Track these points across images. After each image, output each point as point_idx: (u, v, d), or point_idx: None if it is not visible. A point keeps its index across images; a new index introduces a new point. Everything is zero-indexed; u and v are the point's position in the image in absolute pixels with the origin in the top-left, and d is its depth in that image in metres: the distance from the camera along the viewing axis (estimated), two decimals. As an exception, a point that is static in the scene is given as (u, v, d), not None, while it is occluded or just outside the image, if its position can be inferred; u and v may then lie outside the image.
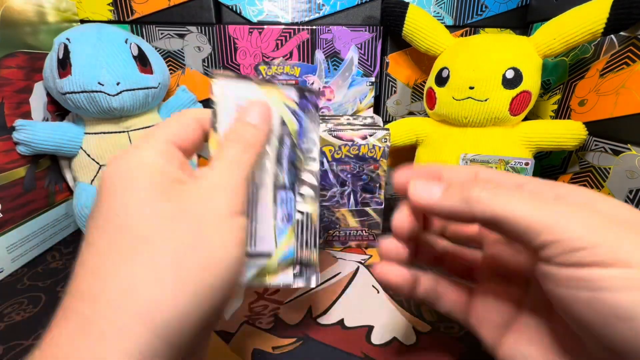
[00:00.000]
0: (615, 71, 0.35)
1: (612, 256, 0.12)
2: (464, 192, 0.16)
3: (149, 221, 0.14)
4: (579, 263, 0.13)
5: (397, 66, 0.49)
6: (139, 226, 0.14)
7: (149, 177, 0.15)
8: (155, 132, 0.17)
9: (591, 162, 0.38)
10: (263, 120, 0.19)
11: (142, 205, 0.14)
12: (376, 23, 0.47)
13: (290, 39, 0.47)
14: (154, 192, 0.15)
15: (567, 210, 0.13)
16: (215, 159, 0.18)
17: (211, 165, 0.17)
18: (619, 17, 0.32)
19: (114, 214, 0.14)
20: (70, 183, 0.42)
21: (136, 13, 0.45)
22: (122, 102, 0.38)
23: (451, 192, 0.16)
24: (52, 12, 0.40)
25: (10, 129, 0.35)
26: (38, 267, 0.37)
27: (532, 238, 0.13)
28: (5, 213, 0.34)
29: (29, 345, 0.27)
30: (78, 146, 0.40)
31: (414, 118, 0.47)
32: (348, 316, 0.29)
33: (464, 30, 0.48)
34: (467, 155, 0.39)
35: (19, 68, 0.36)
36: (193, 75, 0.48)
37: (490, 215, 0.14)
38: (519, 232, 0.14)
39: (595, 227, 0.13)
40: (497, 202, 0.14)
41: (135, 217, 0.14)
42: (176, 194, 0.15)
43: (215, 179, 0.17)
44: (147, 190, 0.14)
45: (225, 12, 0.47)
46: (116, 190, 0.15)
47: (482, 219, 0.15)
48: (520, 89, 0.37)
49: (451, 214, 0.16)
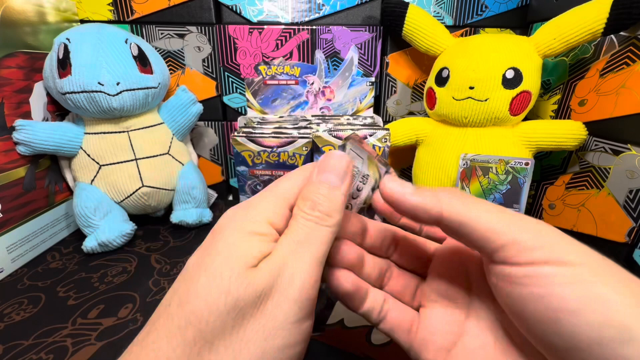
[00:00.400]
0: (616, 71, 0.35)
1: (559, 256, 0.14)
2: (435, 193, 0.17)
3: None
4: (534, 261, 0.14)
5: (397, 66, 0.49)
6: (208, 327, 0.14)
7: (227, 278, 0.15)
8: (270, 195, 0.17)
9: (591, 162, 0.38)
10: (345, 183, 0.18)
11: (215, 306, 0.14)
12: (376, 23, 0.47)
13: (290, 39, 0.47)
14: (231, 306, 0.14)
15: (522, 219, 0.15)
16: (284, 234, 0.17)
17: (280, 243, 0.16)
18: (619, 17, 0.32)
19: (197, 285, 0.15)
20: (70, 183, 0.42)
21: (136, 13, 0.45)
22: (122, 102, 0.38)
23: (423, 190, 0.17)
24: (52, 12, 0.40)
25: (10, 129, 0.35)
26: (38, 267, 0.37)
27: (492, 240, 0.15)
28: (5, 213, 0.34)
29: (29, 345, 0.27)
30: (78, 146, 0.40)
31: (413, 118, 0.47)
32: (348, 316, 0.29)
33: (464, 30, 0.48)
34: (467, 155, 0.39)
35: (19, 68, 0.36)
36: (193, 75, 0.48)
37: (456, 216, 0.16)
38: (479, 234, 0.15)
39: (545, 233, 0.14)
40: (463, 206, 0.16)
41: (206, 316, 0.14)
42: (243, 319, 0.15)
43: (282, 278, 0.15)
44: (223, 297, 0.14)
45: (225, 12, 0.47)
46: (207, 265, 0.15)
47: (448, 218, 0.16)
48: (520, 89, 0.37)
49: (419, 209, 0.17)
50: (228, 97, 0.50)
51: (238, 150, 0.39)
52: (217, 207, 0.51)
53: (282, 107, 0.49)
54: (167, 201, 0.45)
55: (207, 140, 0.52)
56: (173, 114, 0.44)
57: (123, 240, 0.40)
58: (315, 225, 0.17)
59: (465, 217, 0.16)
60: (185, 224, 0.44)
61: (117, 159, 0.40)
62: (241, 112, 0.50)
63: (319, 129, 0.39)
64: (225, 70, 0.48)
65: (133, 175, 0.41)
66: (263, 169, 0.40)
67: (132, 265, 0.37)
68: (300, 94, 0.48)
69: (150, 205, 0.43)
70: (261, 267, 0.15)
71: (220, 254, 0.15)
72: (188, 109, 0.45)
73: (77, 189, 0.40)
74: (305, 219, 0.17)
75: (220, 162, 0.53)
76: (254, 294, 0.14)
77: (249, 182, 0.41)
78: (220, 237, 0.16)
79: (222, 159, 0.53)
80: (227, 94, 0.49)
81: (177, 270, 0.36)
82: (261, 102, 0.49)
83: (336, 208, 0.17)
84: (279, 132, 0.39)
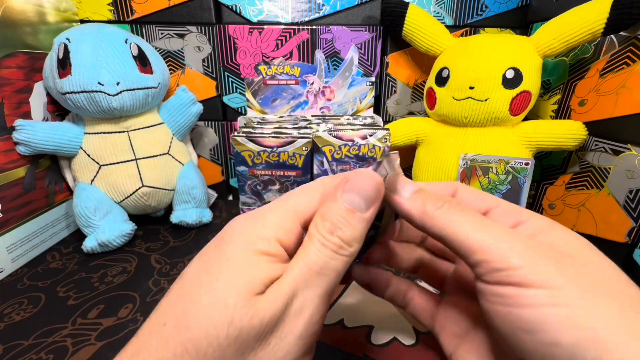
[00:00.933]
0: (616, 71, 0.35)
1: (528, 278, 0.14)
2: (424, 203, 0.17)
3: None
4: (500, 282, 0.14)
5: (397, 66, 0.49)
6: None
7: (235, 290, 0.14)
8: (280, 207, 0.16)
9: (591, 162, 0.38)
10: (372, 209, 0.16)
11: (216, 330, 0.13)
12: (376, 23, 0.47)
13: (290, 39, 0.47)
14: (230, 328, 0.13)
15: (501, 236, 0.15)
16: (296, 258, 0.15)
17: (291, 268, 0.15)
18: (619, 17, 0.32)
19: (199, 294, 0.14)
20: (70, 183, 0.42)
21: (136, 13, 0.45)
22: (122, 102, 0.38)
23: (416, 197, 0.17)
24: (52, 12, 0.40)
25: (10, 129, 0.35)
26: (38, 267, 0.37)
27: (467, 256, 0.15)
28: (5, 213, 0.34)
29: (29, 345, 0.27)
30: (78, 146, 0.40)
31: (414, 118, 0.47)
32: (348, 316, 0.29)
33: (464, 30, 0.48)
34: (467, 155, 0.39)
35: (18, 68, 0.36)
36: (193, 75, 0.48)
37: (437, 229, 0.16)
38: (458, 250, 0.16)
39: (520, 251, 0.14)
40: (444, 220, 0.16)
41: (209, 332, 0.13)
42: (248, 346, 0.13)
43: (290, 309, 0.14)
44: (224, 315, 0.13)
45: (225, 12, 0.47)
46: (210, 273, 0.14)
47: (430, 230, 0.16)
48: (520, 88, 0.37)
49: (409, 218, 0.17)
50: (228, 97, 0.50)
51: (238, 150, 0.39)
52: (217, 207, 0.51)
53: (282, 107, 0.49)
54: (167, 201, 0.45)
55: (207, 140, 0.52)
56: (173, 114, 0.44)
57: (123, 240, 0.40)
58: (332, 253, 0.15)
59: (444, 232, 0.16)
60: (185, 224, 0.44)
61: (117, 159, 0.40)
62: (241, 112, 0.50)
63: (319, 129, 0.39)
64: (225, 70, 0.48)
65: (133, 175, 0.41)
66: (263, 169, 0.40)
67: (132, 265, 0.37)
68: (300, 94, 0.48)
69: (150, 205, 0.43)
70: (268, 295, 0.14)
71: (223, 274, 0.14)
72: (188, 109, 0.45)
73: (77, 189, 0.40)
74: (322, 244, 0.15)
75: (220, 162, 0.53)
76: (258, 326, 0.13)
77: (249, 182, 0.41)
78: (224, 252, 0.15)
79: (222, 159, 0.53)
80: (227, 94, 0.49)
81: (177, 270, 0.36)
82: (261, 102, 0.49)
83: (357, 237, 0.16)
84: (279, 132, 0.39)
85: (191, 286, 0.14)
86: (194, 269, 0.15)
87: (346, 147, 0.37)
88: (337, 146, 0.37)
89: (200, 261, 0.15)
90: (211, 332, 0.13)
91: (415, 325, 0.27)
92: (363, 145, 0.37)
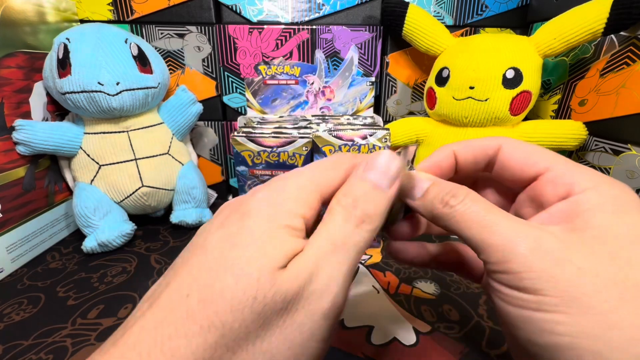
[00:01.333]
0: (616, 71, 0.35)
1: (532, 283, 0.13)
2: (434, 203, 0.17)
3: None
4: (502, 283, 0.14)
5: (397, 66, 0.49)
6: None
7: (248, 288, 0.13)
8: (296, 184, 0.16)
9: (591, 162, 0.38)
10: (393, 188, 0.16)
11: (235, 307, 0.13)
12: (376, 23, 0.47)
13: (290, 39, 0.47)
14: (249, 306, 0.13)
15: (514, 236, 0.14)
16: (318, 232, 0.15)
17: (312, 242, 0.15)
18: (619, 17, 0.32)
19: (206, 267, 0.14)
20: (70, 183, 0.42)
21: (136, 13, 0.45)
22: (122, 102, 0.38)
23: (427, 197, 0.17)
24: (52, 12, 0.40)
25: (10, 129, 0.35)
26: (38, 267, 0.37)
27: (477, 252, 0.15)
28: (5, 213, 0.34)
29: (28, 345, 0.27)
30: (78, 146, 0.40)
31: (414, 118, 0.47)
32: (348, 316, 0.29)
33: (464, 30, 0.48)
34: (467, 155, 0.39)
35: (18, 68, 0.36)
36: (193, 75, 0.48)
37: (445, 228, 0.17)
38: (469, 245, 0.16)
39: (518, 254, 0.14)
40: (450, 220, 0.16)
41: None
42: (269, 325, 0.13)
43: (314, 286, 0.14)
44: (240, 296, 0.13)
45: (225, 12, 0.47)
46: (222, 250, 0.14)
47: (440, 227, 0.17)
48: (520, 88, 0.37)
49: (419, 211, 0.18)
50: (228, 97, 0.50)
51: (238, 150, 0.39)
52: (217, 207, 0.51)
53: (282, 107, 0.49)
54: (167, 201, 0.45)
55: (207, 140, 0.52)
56: (173, 114, 0.44)
57: (123, 240, 0.40)
58: (354, 228, 0.15)
59: (452, 230, 0.16)
60: (185, 224, 0.44)
61: (116, 159, 0.40)
62: (241, 112, 0.50)
63: (319, 129, 0.39)
64: (225, 70, 0.48)
65: (133, 175, 0.41)
66: (263, 169, 0.40)
67: (132, 265, 0.37)
68: (300, 93, 0.48)
69: (150, 205, 0.43)
70: (290, 269, 0.13)
71: (249, 248, 0.14)
72: (188, 109, 0.44)
73: (76, 189, 0.40)
74: (344, 218, 0.15)
75: (220, 162, 0.53)
76: (280, 301, 0.13)
77: (249, 182, 0.41)
78: (249, 225, 0.14)
79: (222, 159, 0.53)
80: (227, 93, 0.49)
81: (177, 270, 0.36)
82: (261, 102, 0.49)
83: (379, 212, 0.15)
84: (279, 132, 0.39)
85: (215, 259, 0.14)
86: (217, 240, 0.14)
87: (346, 147, 0.37)
88: (337, 146, 0.37)
89: (223, 233, 0.15)
90: (236, 307, 0.12)
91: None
92: (363, 145, 0.37)
